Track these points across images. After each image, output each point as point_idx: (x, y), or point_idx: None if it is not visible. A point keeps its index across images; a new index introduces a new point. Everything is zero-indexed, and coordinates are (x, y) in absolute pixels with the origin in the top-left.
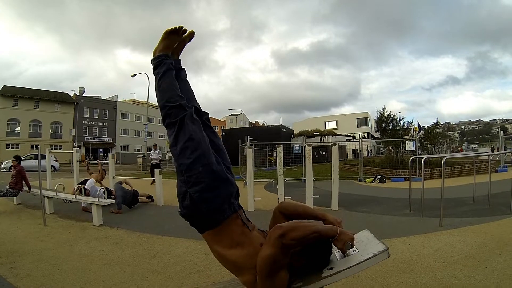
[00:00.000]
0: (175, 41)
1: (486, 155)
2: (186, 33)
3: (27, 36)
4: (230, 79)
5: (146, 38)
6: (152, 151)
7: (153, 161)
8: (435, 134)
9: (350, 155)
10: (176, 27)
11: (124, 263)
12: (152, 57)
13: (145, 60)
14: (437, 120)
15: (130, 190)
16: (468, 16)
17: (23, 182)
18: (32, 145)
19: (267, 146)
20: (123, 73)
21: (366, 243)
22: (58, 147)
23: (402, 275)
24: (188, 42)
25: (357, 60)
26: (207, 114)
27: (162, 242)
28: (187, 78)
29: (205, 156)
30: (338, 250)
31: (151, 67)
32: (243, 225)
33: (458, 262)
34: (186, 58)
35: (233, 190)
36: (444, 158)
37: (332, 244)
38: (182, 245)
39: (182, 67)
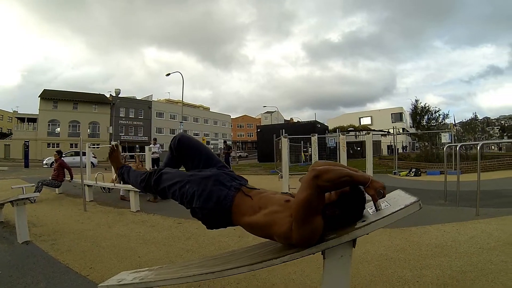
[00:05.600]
0: (118, 157)
1: None
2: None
3: (56, 40)
4: (261, 75)
5: (171, 34)
6: (152, 145)
7: (153, 155)
8: (472, 127)
9: (385, 151)
10: (110, 147)
11: (160, 243)
12: (118, 176)
13: (173, 58)
14: (475, 115)
15: None
16: None
17: (65, 173)
18: (71, 144)
19: (301, 142)
20: (153, 72)
21: (397, 199)
22: (96, 146)
23: (436, 258)
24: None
25: (392, 52)
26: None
27: (197, 226)
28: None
29: (181, 179)
30: (371, 207)
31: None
32: (251, 195)
33: (495, 249)
34: (215, 53)
35: (219, 178)
36: (480, 144)
37: (365, 204)
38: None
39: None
